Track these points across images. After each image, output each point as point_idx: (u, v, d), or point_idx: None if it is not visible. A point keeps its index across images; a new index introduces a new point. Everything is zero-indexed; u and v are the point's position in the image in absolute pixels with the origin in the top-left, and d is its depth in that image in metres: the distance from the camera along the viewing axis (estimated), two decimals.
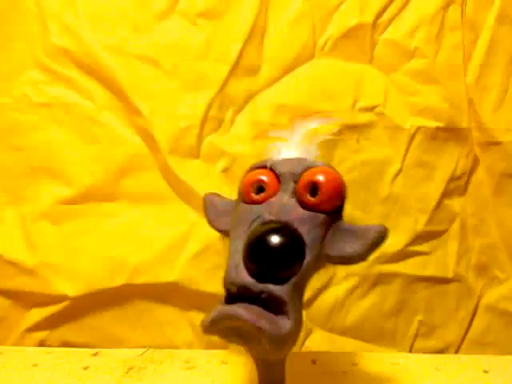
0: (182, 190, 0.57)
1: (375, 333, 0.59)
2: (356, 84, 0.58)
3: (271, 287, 0.32)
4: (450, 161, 0.58)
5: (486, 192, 0.59)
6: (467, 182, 0.59)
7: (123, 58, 0.56)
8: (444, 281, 0.59)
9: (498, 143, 0.57)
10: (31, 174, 0.57)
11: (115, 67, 0.55)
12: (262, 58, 0.57)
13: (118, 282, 0.56)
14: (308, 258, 0.34)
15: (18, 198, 0.57)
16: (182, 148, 0.57)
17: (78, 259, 0.56)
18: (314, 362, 0.50)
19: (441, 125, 0.57)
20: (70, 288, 0.56)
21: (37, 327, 0.57)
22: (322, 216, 0.36)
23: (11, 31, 0.57)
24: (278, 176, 0.37)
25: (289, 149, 0.41)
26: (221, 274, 0.36)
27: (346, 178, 0.57)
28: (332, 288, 0.58)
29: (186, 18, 0.56)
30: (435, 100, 0.57)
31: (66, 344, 0.57)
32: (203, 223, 0.56)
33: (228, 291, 0.34)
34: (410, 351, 0.59)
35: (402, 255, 0.58)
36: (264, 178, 0.37)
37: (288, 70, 0.57)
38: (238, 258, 0.34)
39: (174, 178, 0.57)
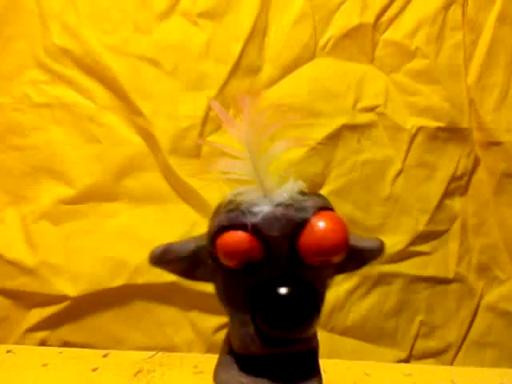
0: (182, 190, 0.57)
1: (376, 333, 0.59)
2: (357, 84, 0.58)
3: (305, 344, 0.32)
4: (450, 161, 0.58)
5: (487, 192, 0.59)
6: (468, 182, 0.59)
7: (124, 58, 0.56)
8: (445, 281, 0.59)
9: (498, 143, 0.58)
10: (32, 174, 0.57)
11: (116, 67, 0.56)
12: (263, 58, 0.57)
13: (119, 282, 0.56)
14: (322, 304, 0.33)
15: (19, 198, 0.57)
16: (182, 148, 0.57)
17: (79, 259, 0.56)
18: (324, 370, 0.50)
19: (442, 125, 0.58)
20: (71, 288, 0.56)
21: (37, 327, 0.57)
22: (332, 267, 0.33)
23: (11, 31, 0.57)
24: (260, 237, 0.30)
25: (258, 191, 0.31)
26: None
27: (347, 179, 0.58)
28: (333, 288, 0.57)
29: (187, 19, 0.56)
30: (436, 100, 0.58)
31: (66, 344, 0.57)
32: (204, 223, 0.57)
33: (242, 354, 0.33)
34: (411, 351, 0.59)
35: (402, 255, 0.59)
36: (244, 246, 0.30)
37: (289, 70, 0.58)
38: (251, 329, 0.31)
39: (174, 178, 0.57)
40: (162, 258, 0.33)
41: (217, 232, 0.30)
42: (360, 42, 0.57)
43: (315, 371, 0.34)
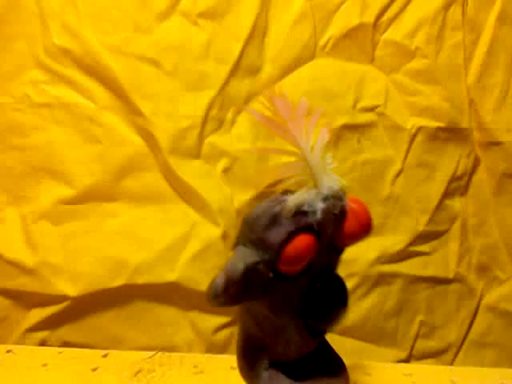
0: (182, 190, 0.57)
1: (376, 333, 0.59)
2: (357, 84, 0.58)
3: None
4: (450, 161, 0.58)
5: (487, 192, 0.59)
6: (468, 182, 0.59)
7: (124, 58, 0.56)
8: (445, 281, 0.59)
9: (498, 143, 0.58)
10: (32, 174, 0.57)
11: (116, 67, 0.56)
12: (263, 58, 0.57)
13: (119, 281, 0.56)
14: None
15: (19, 198, 0.57)
16: (182, 148, 0.57)
17: (79, 259, 0.56)
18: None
19: (442, 125, 0.58)
20: (71, 288, 0.56)
21: (37, 327, 0.57)
22: None
23: (11, 31, 0.57)
24: (318, 234, 0.30)
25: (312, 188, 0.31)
26: None
27: (347, 179, 0.57)
28: None
29: (187, 18, 0.56)
30: (436, 100, 0.57)
31: (66, 344, 0.57)
32: (204, 223, 0.57)
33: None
34: (411, 351, 0.59)
35: (402, 255, 0.59)
36: (314, 250, 0.30)
37: (289, 70, 0.58)
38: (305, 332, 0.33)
39: (174, 178, 0.57)
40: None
41: (285, 239, 0.29)
42: (360, 42, 0.57)
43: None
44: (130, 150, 0.57)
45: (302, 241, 0.29)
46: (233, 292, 0.30)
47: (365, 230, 0.33)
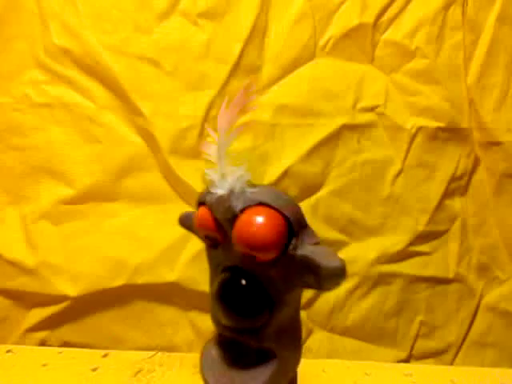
0: (182, 190, 0.58)
1: (376, 333, 0.59)
2: (357, 84, 0.58)
3: (262, 336, 0.33)
4: (450, 161, 0.59)
5: (487, 192, 0.59)
6: (468, 182, 0.60)
7: (124, 58, 0.56)
8: (445, 281, 0.59)
9: (498, 143, 0.58)
10: (32, 174, 0.57)
11: (116, 67, 0.56)
12: (263, 58, 0.58)
13: (119, 282, 0.56)
14: (277, 301, 0.32)
15: (19, 198, 0.57)
16: (182, 148, 0.57)
17: (79, 259, 0.57)
18: (324, 370, 0.51)
19: (441, 125, 0.58)
20: (71, 288, 0.56)
21: (37, 327, 0.57)
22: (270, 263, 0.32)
23: (11, 31, 0.57)
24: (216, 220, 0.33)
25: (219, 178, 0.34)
26: None
27: (347, 179, 0.58)
28: None
29: (187, 19, 0.57)
30: (436, 100, 0.58)
31: (66, 344, 0.57)
32: None
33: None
34: (411, 351, 0.59)
35: (402, 255, 0.59)
36: (206, 223, 0.33)
37: (289, 70, 0.58)
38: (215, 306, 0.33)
39: (174, 178, 0.57)
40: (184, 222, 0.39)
41: (197, 206, 0.35)
42: (360, 42, 0.58)
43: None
44: (130, 150, 0.57)
45: (200, 211, 0.34)
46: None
47: (249, 245, 0.30)
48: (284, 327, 0.33)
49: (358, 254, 0.58)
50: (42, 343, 0.57)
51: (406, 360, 0.59)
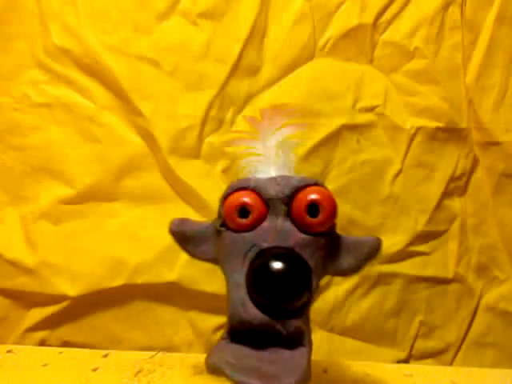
0: (182, 190, 0.58)
1: (376, 333, 0.59)
2: (356, 84, 0.58)
3: (294, 323, 0.32)
4: (449, 161, 0.59)
5: (486, 192, 0.60)
6: (467, 183, 0.60)
7: (124, 58, 0.57)
8: (444, 281, 0.60)
9: (497, 143, 0.58)
10: (31, 174, 0.57)
11: (116, 67, 0.56)
12: (263, 59, 0.58)
13: (118, 281, 0.56)
14: (314, 284, 0.34)
15: (19, 198, 0.58)
16: (182, 148, 0.57)
17: (79, 259, 0.57)
18: (325, 370, 0.51)
19: (441, 125, 0.58)
20: (71, 288, 0.56)
21: (37, 327, 0.57)
22: (322, 238, 0.35)
23: (11, 31, 0.57)
24: (263, 198, 0.35)
25: (265, 164, 0.39)
26: (220, 273, 0.37)
27: (346, 179, 0.59)
28: (332, 288, 0.59)
29: (187, 19, 0.57)
30: (435, 100, 0.58)
31: (66, 344, 0.57)
32: None
33: (234, 327, 0.33)
34: (411, 351, 0.60)
35: (402, 255, 0.59)
36: (249, 200, 0.34)
37: (288, 70, 0.58)
38: (243, 293, 0.32)
39: (174, 178, 0.57)
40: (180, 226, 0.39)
41: (227, 193, 0.36)
42: (359, 42, 0.58)
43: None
44: (129, 150, 0.58)
45: (237, 194, 0.35)
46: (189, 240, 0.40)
47: (314, 205, 0.34)
48: (308, 320, 0.35)
49: None
50: (42, 343, 0.57)
51: (406, 360, 0.59)
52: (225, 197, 0.36)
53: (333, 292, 0.59)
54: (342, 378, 0.50)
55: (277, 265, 0.32)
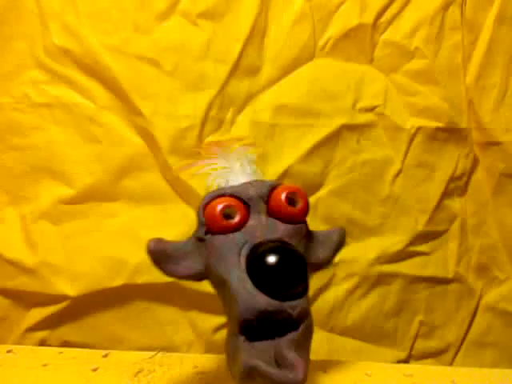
0: (182, 190, 0.58)
1: (375, 333, 0.60)
2: (356, 84, 0.59)
3: (301, 304, 0.34)
4: (450, 161, 0.59)
5: (486, 192, 0.60)
6: (467, 183, 0.60)
7: (124, 58, 0.57)
8: (444, 281, 0.60)
9: (497, 143, 0.58)
10: (31, 174, 0.58)
11: (116, 67, 0.56)
12: (263, 59, 0.58)
13: (118, 281, 0.56)
14: (308, 268, 0.35)
15: (18, 198, 0.58)
16: (182, 148, 0.57)
17: (79, 259, 0.57)
18: (324, 370, 0.51)
19: (441, 125, 0.58)
20: (71, 288, 0.56)
21: (37, 327, 0.57)
22: (303, 226, 0.38)
23: (11, 31, 0.57)
24: (243, 200, 0.37)
25: (234, 175, 0.41)
26: None
27: (346, 179, 0.59)
28: (332, 288, 0.59)
29: (187, 19, 0.57)
30: (435, 100, 0.58)
31: (66, 344, 0.57)
32: None
33: (245, 321, 0.33)
34: (411, 351, 0.60)
35: (402, 255, 0.59)
36: (231, 202, 0.36)
37: (288, 70, 0.59)
38: (249, 285, 0.33)
39: (174, 178, 0.58)
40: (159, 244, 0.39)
41: (205, 203, 0.37)
42: (359, 42, 0.58)
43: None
44: (129, 150, 0.58)
45: (217, 200, 0.37)
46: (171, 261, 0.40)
47: (292, 193, 0.37)
48: None
49: (358, 254, 0.59)
50: (42, 343, 0.57)
51: (406, 360, 0.60)
52: (204, 206, 0.37)
53: (333, 292, 0.59)
54: (342, 378, 0.50)
55: (275, 258, 0.33)
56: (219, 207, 0.36)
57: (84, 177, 0.58)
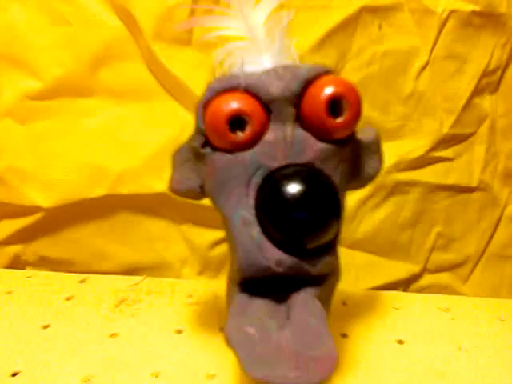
0: (170, 85, 0.53)
1: (388, 246, 0.58)
2: None
3: (326, 259, 0.27)
4: (484, 52, 0.54)
5: None
6: (501, 77, 0.56)
7: None
8: (467, 189, 0.58)
9: None
10: None
11: None
12: None
13: (99, 192, 0.53)
14: (342, 207, 0.28)
15: None
16: (169, 32, 0.51)
17: (51, 165, 0.53)
18: (344, 303, 0.47)
19: (477, 9, 0.53)
20: (44, 198, 0.53)
21: (9, 241, 0.54)
22: (347, 146, 0.29)
23: None
24: (261, 100, 0.27)
25: (254, 51, 0.29)
26: None
27: (364, 73, 0.53)
28: None
29: None
30: None
31: (43, 259, 0.54)
32: None
33: (249, 277, 0.27)
34: (425, 265, 0.59)
35: (422, 161, 0.56)
36: (242, 105, 0.26)
37: None
38: (256, 231, 0.26)
39: (160, 69, 0.52)
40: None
41: (207, 98, 0.28)
42: None
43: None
44: (106, 34, 0.51)
45: (222, 98, 0.27)
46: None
47: (336, 95, 0.26)
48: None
49: None
50: (16, 258, 0.54)
51: (419, 274, 0.59)
52: (204, 104, 0.28)
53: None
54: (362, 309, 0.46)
55: (295, 188, 0.25)
56: (225, 110, 0.26)
57: (52, 67, 0.51)
